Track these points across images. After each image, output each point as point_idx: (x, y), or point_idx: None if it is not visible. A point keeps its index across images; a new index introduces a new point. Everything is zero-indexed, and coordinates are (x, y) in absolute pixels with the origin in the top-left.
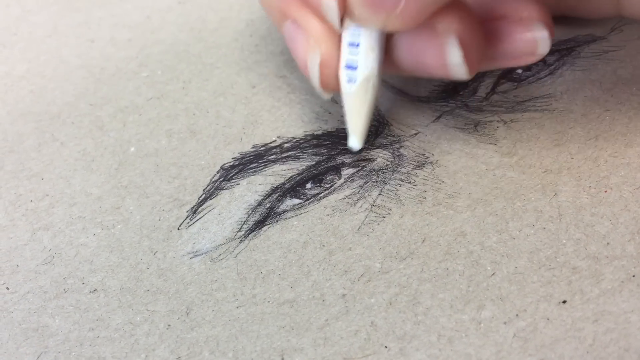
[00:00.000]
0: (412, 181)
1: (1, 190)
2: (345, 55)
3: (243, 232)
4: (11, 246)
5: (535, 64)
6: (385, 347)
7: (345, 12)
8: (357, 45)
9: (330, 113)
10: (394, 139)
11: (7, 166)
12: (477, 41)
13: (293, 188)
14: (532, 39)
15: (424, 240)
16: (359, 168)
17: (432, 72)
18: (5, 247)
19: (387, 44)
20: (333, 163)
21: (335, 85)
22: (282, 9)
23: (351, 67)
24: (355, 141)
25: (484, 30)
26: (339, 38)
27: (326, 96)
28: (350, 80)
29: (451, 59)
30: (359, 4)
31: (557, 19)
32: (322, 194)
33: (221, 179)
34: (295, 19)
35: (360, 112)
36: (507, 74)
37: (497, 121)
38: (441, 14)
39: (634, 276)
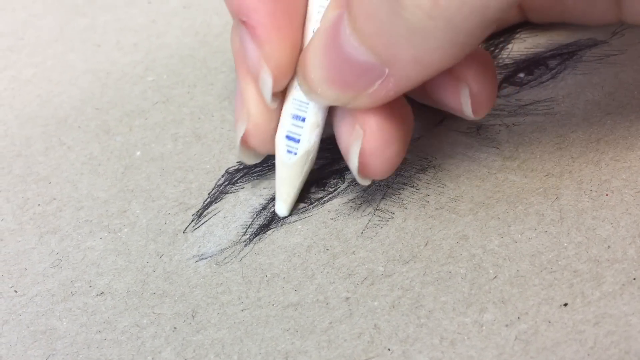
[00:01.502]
0: (415, 185)
1: (9, 194)
2: (287, 125)
3: (248, 236)
4: (19, 250)
5: (537, 67)
6: (388, 349)
7: (288, 85)
8: (302, 119)
9: None
10: None
11: (15, 170)
12: (489, 90)
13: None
14: (458, 101)
15: (426, 244)
16: None
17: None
18: (14, 250)
19: None
20: (337, 167)
21: (257, 155)
22: (235, 66)
23: (292, 139)
24: (283, 209)
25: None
26: (276, 108)
27: (247, 161)
28: (289, 152)
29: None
30: (324, 83)
31: (559, 24)
32: (326, 197)
33: (226, 183)
34: (239, 80)
35: (294, 183)
36: (509, 78)
37: (499, 125)
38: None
39: (634, 279)
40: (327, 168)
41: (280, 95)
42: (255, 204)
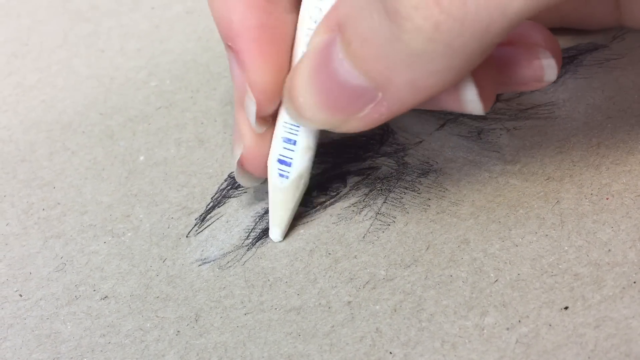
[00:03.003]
0: (417, 189)
1: (14, 199)
2: (278, 149)
3: (250, 240)
4: (24, 254)
5: None
6: (390, 353)
7: (277, 110)
8: (294, 142)
9: None
10: (399, 147)
11: (20, 175)
12: (492, 76)
13: None
14: (540, 66)
15: (428, 248)
16: (364, 176)
17: (445, 107)
18: (18, 254)
19: None
20: (338, 171)
21: (255, 179)
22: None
23: (284, 162)
24: (277, 234)
25: (495, 62)
26: (269, 132)
27: (246, 185)
28: (281, 176)
29: (466, 96)
30: (313, 107)
31: (559, 28)
32: (328, 202)
33: (229, 187)
34: (235, 106)
35: (287, 207)
36: None
37: (500, 129)
38: None
39: (635, 282)
40: (328, 172)
41: (270, 119)
42: (257, 208)
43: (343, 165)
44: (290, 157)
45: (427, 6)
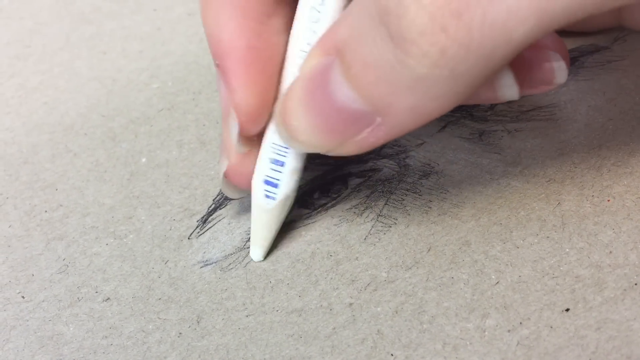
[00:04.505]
0: (418, 191)
1: (16, 200)
2: (265, 170)
3: None
4: (26, 256)
5: None
6: (392, 355)
7: (262, 130)
8: (281, 164)
9: None
10: (400, 149)
11: (22, 177)
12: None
13: (301, 198)
14: (550, 69)
15: (429, 250)
16: (366, 178)
17: (477, 100)
18: (21, 256)
19: None
20: (340, 173)
21: (240, 191)
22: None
23: (270, 183)
24: (258, 254)
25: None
26: (254, 150)
27: (232, 196)
28: (268, 197)
29: (503, 81)
30: (308, 131)
31: (560, 31)
32: (330, 203)
33: None
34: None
35: (271, 228)
36: None
37: (502, 130)
38: None
39: (636, 284)
40: (330, 174)
41: (255, 138)
42: None
43: (344, 167)
44: (277, 179)
45: (434, 32)
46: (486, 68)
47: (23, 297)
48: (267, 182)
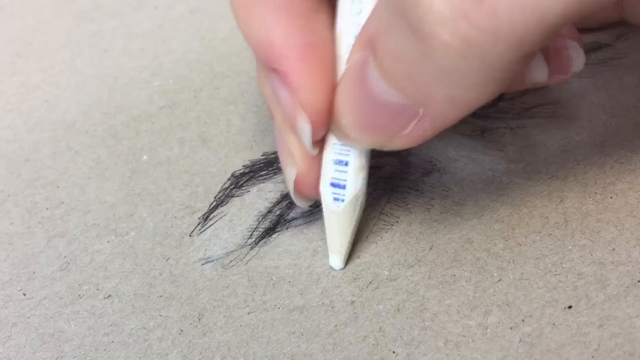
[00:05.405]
0: (420, 189)
1: (17, 198)
2: (330, 172)
3: (253, 239)
4: (27, 253)
5: None
6: (393, 352)
7: (327, 131)
8: (345, 163)
9: None
10: None
11: (24, 174)
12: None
13: None
14: (567, 57)
15: (431, 248)
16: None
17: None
18: (22, 254)
19: None
20: None
21: (311, 199)
22: (270, 111)
23: (337, 185)
24: (338, 262)
25: None
26: (319, 155)
27: (302, 205)
28: (336, 199)
29: (534, 64)
30: (355, 128)
31: None
32: None
33: (232, 187)
34: (278, 126)
35: (345, 232)
36: None
37: (504, 127)
38: None
39: (639, 281)
40: None
41: (321, 141)
42: (261, 208)
43: None
44: (343, 179)
45: (454, 21)
46: (520, 53)
47: (24, 294)
48: (334, 185)
